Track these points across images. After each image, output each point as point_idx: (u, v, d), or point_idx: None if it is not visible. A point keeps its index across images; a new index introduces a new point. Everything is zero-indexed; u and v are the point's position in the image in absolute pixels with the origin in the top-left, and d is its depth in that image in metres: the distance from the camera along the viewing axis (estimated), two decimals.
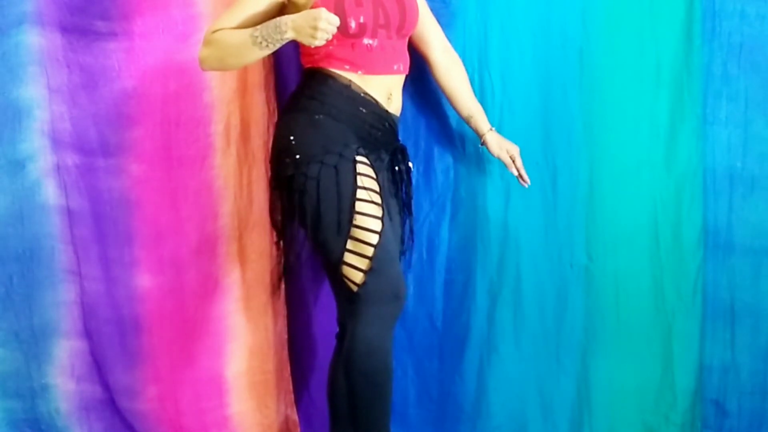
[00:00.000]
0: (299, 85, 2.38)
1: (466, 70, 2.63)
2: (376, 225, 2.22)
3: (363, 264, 2.20)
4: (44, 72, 2.49)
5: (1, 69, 2.47)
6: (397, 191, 2.48)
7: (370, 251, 2.20)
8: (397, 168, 2.45)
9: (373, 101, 2.32)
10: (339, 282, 2.26)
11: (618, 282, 2.74)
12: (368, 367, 2.23)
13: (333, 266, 2.25)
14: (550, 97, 2.71)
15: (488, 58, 2.69)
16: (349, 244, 2.21)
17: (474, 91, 2.63)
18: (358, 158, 2.24)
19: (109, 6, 2.47)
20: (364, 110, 2.31)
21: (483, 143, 2.58)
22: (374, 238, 2.21)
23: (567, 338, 2.76)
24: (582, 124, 2.71)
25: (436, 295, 2.74)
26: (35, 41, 2.47)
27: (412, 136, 2.67)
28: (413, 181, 2.56)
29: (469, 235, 2.74)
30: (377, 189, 2.26)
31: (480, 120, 2.57)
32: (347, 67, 2.29)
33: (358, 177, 2.22)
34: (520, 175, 2.57)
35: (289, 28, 2.10)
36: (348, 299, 2.24)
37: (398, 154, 2.46)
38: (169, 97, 2.51)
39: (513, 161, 2.56)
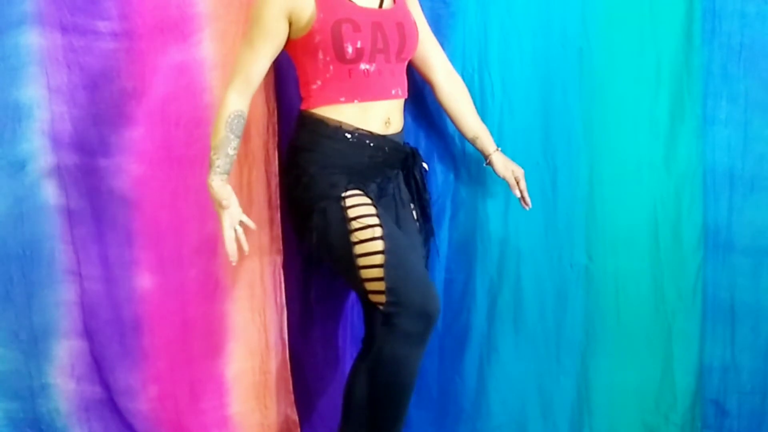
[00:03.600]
0: (294, 135, 2.44)
1: (466, 70, 2.63)
2: (378, 246, 2.24)
3: (381, 286, 2.22)
4: (44, 72, 2.49)
5: (1, 69, 2.46)
6: (413, 198, 2.50)
7: (381, 272, 2.22)
8: (413, 175, 2.49)
9: (367, 133, 2.35)
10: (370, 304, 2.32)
11: (618, 282, 2.75)
12: (389, 382, 2.26)
13: (361, 298, 2.35)
14: (550, 97, 2.71)
15: (488, 58, 2.69)
16: (362, 273, 2.25)
17: (474, 91, 2.64)
18: (346, 194, 2.29)
19: (109, 6, 2.47)
20: (358, 147, 2.34)
21: (488, 163, 2.59)
22: (379, 259, 2.23)
23: (567, 338, 2.76)
24: (582, 124, 2.71)
25: None
26: (35, 41, 2.47)
27: (413, 137, 2.67)
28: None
29: (469, 235, 2.74)
30: (373, 212, 2.28)
31: (485, 141, 2.58)
32: (342, 99, 2.32)
33: (348, 210, 2.27)
34: (523, 198, 2.58)
35: (209, 187, 2.31)
36: (381, 320, 2.27)
37: (409, 160, 2.47)
38: (169, 97, 2.51)
39: (517, 183, 2.57)
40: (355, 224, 2.26)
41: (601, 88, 2.71)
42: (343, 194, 2.29)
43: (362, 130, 2.35)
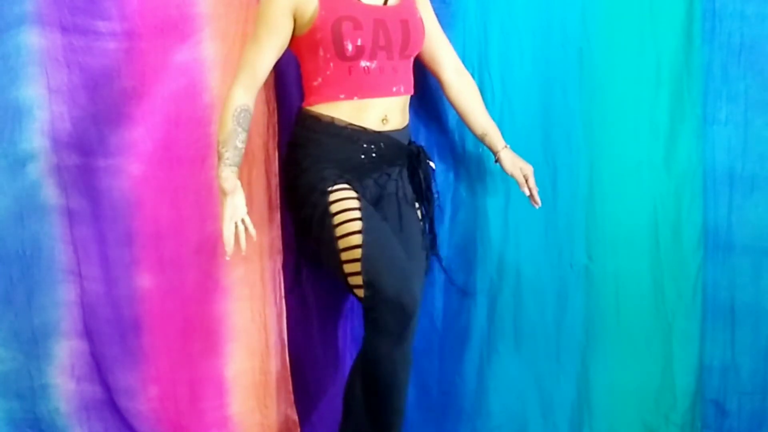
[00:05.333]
0: (291, 132, 2.49)
1: (467, 70, 2.63)
2: (357, 240, 2.25)
3: (360, 280, 2.24)
4: (44, 72, 2.49)
5: (1, 69, 2.46)
6: (418, 198, 2.50)
7: (359, 266, 2.24)
8: (417, 174, 2.49)
9: (360, 129, 2.36)
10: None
11: (618, 282, 2.75)
12: (374, 376, 2.28)
13: (349, 291, 2.34)
14: (550, 97, 2.71)
15: (488, 58, 2.69)
16: (345, 267, 2.27)
17: None
18: (333, 188, 2.32)
19: (109, 6, 2.47)
20: (350, 142, 2.36)
21: (497, 160, 2.58)
22: (358, 253, 2.24)
23: (567, 338, 2.76)
24: (582, 124, 2.71)
25: (436, 295, 2.74)
26: (35, 41, 2.47)
27: (413, 137, 2.66)
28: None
29: (469, 235, 2.74)
30: (355, 206, 2.30)
31: (494, 138, 2.58)
32: (342, 96, 2.34)
33: (332, 205, 2.29)
34: (532, 195, 2.56)
35: (219, 179, 2.30)
36: (364, 316, 2.29)
37: (413, 158, 2.47)
38: (169, 97, 2.51)
39: (526, 180, 2.56)
40: (337, 218, 2.28)
41: (601, 88, 2.71)
42: (329, 188, 2.32)
43: (355, 125, 2.36)
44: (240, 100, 2.30)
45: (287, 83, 2.58)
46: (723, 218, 2.78)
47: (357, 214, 2.28)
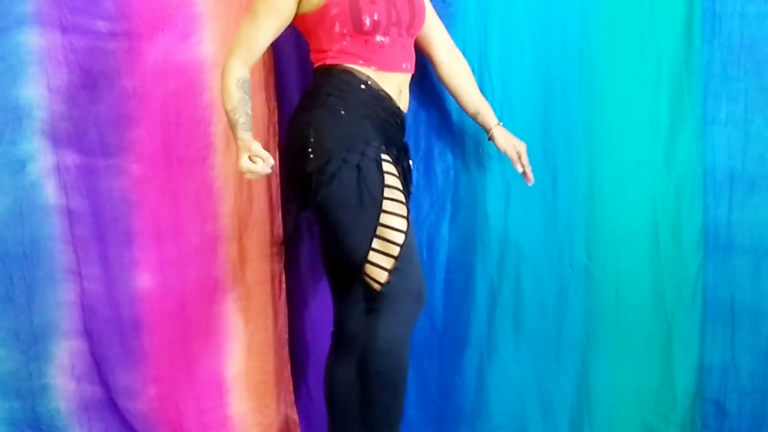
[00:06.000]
0: (315, 82, 2.34)
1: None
2: (402, 224, 2.21)
3: (389, 263, 2.18)
4: (44, 72, 2.49)
5: (1, 69, 2.46)
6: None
7: (396, 250, 2.18)
8: (402, 166, 2.45)
9: (388, 97, 2.33)
10: (347, 280, 2.28)
11: (618, 282, 2.74)
12: (386, 366, 2.20)
13: (354, 265, 2.22)
14: (550, 97, 2.71)
15: (488, 58, 2.69)
16: (376, 243, 2.19)
17: None
18: (383, 156, 2.25)
19: (109, 6, 2.47)
20: (382, 106, 2.31)
21: (490, 138, 2.57)
22: (401, 237, 2.19)
23: (567, 338, 2.76)
24: (582, 124, 2.71)
25: (436, 295, 2.74)
26: (35, 41, 2.47)
27: (412, 136, 2.66)
28: (413, 179, 2.56)
29: (469, 235, 2.74)
30: (401, 187, 2.26)
31: (487, 115, 2.57)
32: (361, 62, 2.29)
33: (385, 176, 2.22)
34: (525, 173, 2.55)
35: (238, 141, 2.15)
36: (370, 298, 2.22)
37: (402, 152, 2.47)
38: (169, 97, 2.51)
39: (519, 158, 2.55)
40: (388, 192, 2.21)
41: (601, 88, 2.71)
42: (381, 155, 2.24)
43: (384, 91, 2.32)
44: (240, 72, 2.22)
45: (287, 84, 2.58)
46: (723, 218, 2.78)
47: (402, 197, 2.25)
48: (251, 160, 2.10)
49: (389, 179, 2.23)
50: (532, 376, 2.77)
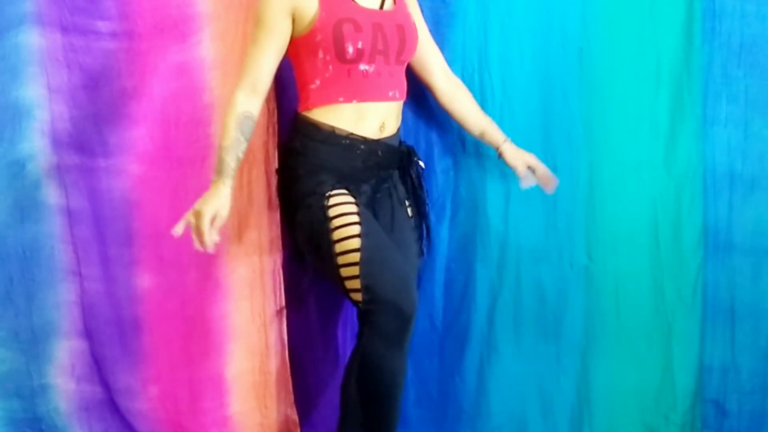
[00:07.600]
0: (288, 137, 2.46)
1: (466, 70, 2.63)
2: (356, 243, 2.25)
3: (358, 284, 2.24)
4: (44, 72, 2.49)
5: (1, 69, 2.46)
6: (409, 196, 2.51)
7: (358, 270, 2.23)
8: (408, 174, 2.50)
9: (360, 139, 2.36)
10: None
11: (618, 282, 2.75)
12: (372, 382, 2.26)
13: (345, 294, 2.32)
14: (550, 97, 2.71)
15: (488, 58, 2.69)
16: (341, 271, 2.26)
17: (474, 91, 2.64)
18: (331, 192, 2.31)
19: (109, 6, 2.47)
20: (350, 152, 2.35)
21: (499, 155, 2.58)
22: (355, 257, 2.24)
23: (567, 338, 2.76)
24: (582, 124, 2.71)
25: (436, 295, 2.74)
26: (35, 41, 2.47)
27: (412, 136, 2.67)
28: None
29: (469, 235, 2.74)
30: (353, 210, 2.29)
31: (493, 134, 2.59)
32: (341, 99, 2.32)
33: (330, 209, 2.29)
34: (543, 183, 2.58)
35: (213, 182, 2.29)
36: (360, 319, 2.28)
37: (404, 159, 2.47)
38: (169, 97, 2.51)
39: (534, 170, 2.57)
40: (335, 222, 2.28)
41: (601, 88, 2.71)
42: (327, 193, 2.31)
43: (356, 135, 2.35)
44: (242, 107, 2.29)
45: (287, 84, 2.58)
46: (723, 218, 2.78)
47: (355, 218, 2.28)
48: (201, 215, 2.20)
49: (333, 211, 2.29)
50: (532, 376, 2.77)
